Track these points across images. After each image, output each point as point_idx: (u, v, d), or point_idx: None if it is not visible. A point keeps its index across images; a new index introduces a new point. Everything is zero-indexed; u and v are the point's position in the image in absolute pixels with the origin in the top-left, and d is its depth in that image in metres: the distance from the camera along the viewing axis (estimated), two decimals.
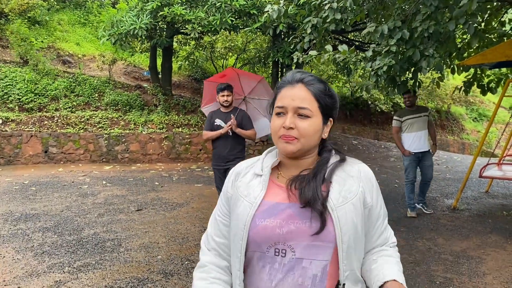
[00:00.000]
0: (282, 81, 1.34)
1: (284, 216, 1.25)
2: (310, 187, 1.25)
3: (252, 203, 1.30)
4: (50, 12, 16.98)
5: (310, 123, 1.27)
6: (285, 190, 1.30)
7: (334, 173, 1.31)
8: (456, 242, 5.28)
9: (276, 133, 1.29)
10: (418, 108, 6.43)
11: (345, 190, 1.27)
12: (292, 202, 1.27)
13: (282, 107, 1.29)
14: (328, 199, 1.23)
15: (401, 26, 5.49)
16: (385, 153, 13.92)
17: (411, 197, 6.47)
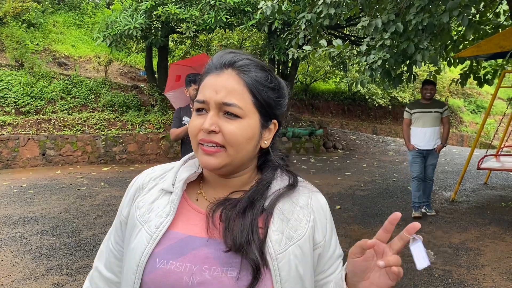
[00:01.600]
0: (208, 66, 0.96)
1: (198, 258, 0.88)
2: (242, 224, 0.88)
3: (151, 234, 0.91)
4: (45, 15, 16.92)
5: (239, 125, 0.90)
6: (203, 217, 0.93)
7: (277, 203, 0.94)
8: (455, 235, 5.29)
9: (194, 137, 0.92)
10: (433, 103, 5.96)
11: (290, 227, 0.92)
12: (212, 237, 0.90)
13: (203, 101, 0.91)
14: (267, 242, 0.88)
15: (395, 20, 5.48)
16: (383, 148, 13.92)
17: (416, 195, 5.99)
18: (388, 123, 20.06)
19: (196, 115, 0.93)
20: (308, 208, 0.97)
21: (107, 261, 1.04)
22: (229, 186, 0.98)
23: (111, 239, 1.05)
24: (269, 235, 0.89)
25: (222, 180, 0.98)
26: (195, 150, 0.94)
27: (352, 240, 5.09)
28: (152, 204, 0.97)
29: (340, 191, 7.67)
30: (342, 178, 8.97)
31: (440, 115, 5.91)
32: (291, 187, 0.97)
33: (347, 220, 5.90)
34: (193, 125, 0.92)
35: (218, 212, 0.93)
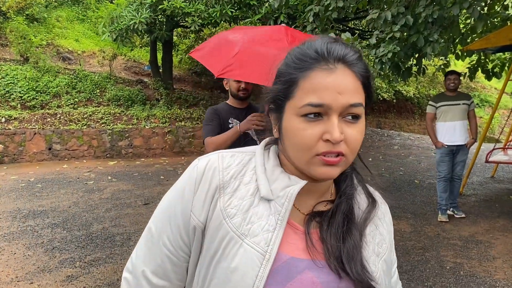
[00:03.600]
0: (304, 55, 0.80)
1: (305, 284, 0.79)
2: (350, 252, 0.81)
3: (263, 253, 0.78)
4: (48, 9, 16.91)
5: (359, 128, 0.81)
6: (302, 234, 0.84)
7: (368, 225, 0.88)
8: (464, 228, 5.29)
9: (309, 149, 0.78)
10: (459, 95, 5.62)
11: (377, 243, 0.88)
12: (314, 259, 0.81)
13: (320, 105, 0.76)
14: (367, 269, 0.82)
15: (405, 12, 5.45)
16: (388, 142, 13.91)
17: (443, 197, 5.62)
18: (392, 117, 20.02)
19: (308, 121, 0.77)
20: (385, 220, 0.94)
21: (159, 267, 0.89)
22: (317, 192, 0.88)
23: (165, 242, 0.88)
24: (366, 257, 0.83)
25: (312, 185, 0.86)
26: (306, 163, 0.79)
27: None
28: (248, 212, 0.82)
29: None
30: None
31: (468, 108, 5.55)
32: (374, 205, 0.92)
33: None
34: (310, 135, 0.77)
35: (312, 227, 0.84)
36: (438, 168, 5.71)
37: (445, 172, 5.61)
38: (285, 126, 0.82)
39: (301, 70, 0.79)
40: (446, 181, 5.63)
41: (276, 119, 0.86)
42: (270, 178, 0.85)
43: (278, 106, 0.84)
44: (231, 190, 0.84)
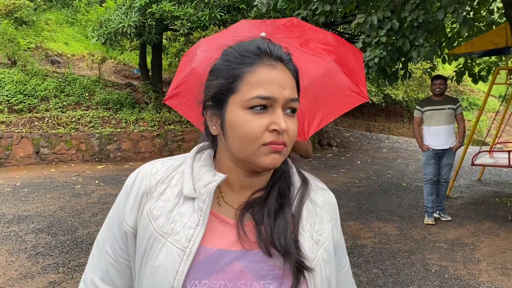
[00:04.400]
0: (247, 51, 0.85)
1: (233, 274, 0.81)
2: (280, 228, 0.83)
3: (183, 248, 0.81)
4: (37, 12, 16.80)
5: (296, 121, 0.87)
6: (231, 228, 0.86)
7: (303, 205, 0.89)
8: (450, 230, 5.32)
9: (256, 140, 0.81)
10: (445, 99, 5.63)
11: (316, 231, 0.89)
12: (245, 249, 0.83)
13: (268, 98, 0.80)
14: (303, 252, 0.83)
15: (391, 17, 5.49)
16: (377, 145, 13.98)
17: (429, 200, 5.63)
18: (382, 120, 20.14)
19: (255, 113, 0.81)
20: (326, 208, 0.94)
21: (105, 274, 0.92)
22: (253, 186, 0.90)
23: (107, 250, 0.92)
24: (301, 242, 0.84)
25: (248, 181, 0.89)
26: (253, 153, 0.82)
27: (348, 237, 5.11)
28: (172, 212, 0.85)
29: (335, 188, 7.69)
30: (337, 175, 9.00)
31: (454, 112, 5.56)
32: (305, 182, 0.94)
33: (343, 217, 5.91)
34: (257, 126, 0.80)
35: (246, 219, 0.86)
36: (424, 171, 5.77)
37: (431, 175, 5.65)
38: (229, 120, 0.83)
39: (246, 65, 0.83)
40: (432, 184, 5.67)
41: (215, 116, 0.87)
42: (195, 178, 0.88)
43: (220, 101, 0.85)
44: (157, 194, 0.87)
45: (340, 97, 2.17)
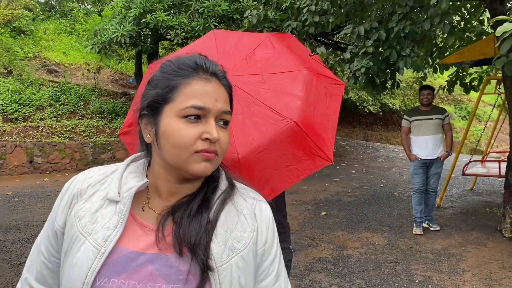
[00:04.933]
0: (185, 65, 0.91)
1: (142, 276, 0.84)
2: (193, 228, 0.87)
3: (99, 247, 0.85)
4: (36, 22, 16.93)
5: (228, 133, 0.94)
6: (151, 231, 0.89)
7: (221, 212, 0.92)
8: (438, 240, 5.30)
9: (188, 147, 0.86)
10: (433, 109, 5.65)
11: (233, 238, 0.90)
12: (161, 252, 0.87)
13: (202, 108, 0.87)
14: (210, 254, 0.86)
15: (378, 27, 5.53)
16: (373, 154, 13.97)
17: (418, 210, 5.61)
18: (379, 129, 20.15)
19: (189, 122, 0.87)
20: (252, 217, 0.96)
21: (38, 274, 0.97)
22: (181, 193, 0.94)
23: (42, 250, 0.97)
24: (212, 247, 0.87)
25: (177, 187, 0.94)
26: (185, 160, 0.87)
27: (335, 247, 5.10)
28: (96, 214, 0.90)
29: (327, 197, 7.68)
30: (330, 184, 8.98)
31: (441, 122, 5.58)
32: (232, 188, 0.97)
33: (331, 226, 5.90)
34: (190, 134, 0.86)
35: (168, 223, 0.90)
36: (413, 181, 5.78)
37: (419, 185, 5.65)
38: (164, 128, 0.88)
39: (182, 77, 0.89)
40: (420, 194, 5.66)
41: (150, 124, 0.92)
42: (122, 183, 0.93)
43: (155, 110, 0.90)
44: (87, 196, 0.93)
45: (297, 163, 1.85)
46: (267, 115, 1.79)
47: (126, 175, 0.95)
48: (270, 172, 1.80)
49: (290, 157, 1.81)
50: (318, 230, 5.73)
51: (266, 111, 1.80)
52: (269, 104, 1.81)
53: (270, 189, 1.81)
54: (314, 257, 4.78)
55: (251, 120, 1.80)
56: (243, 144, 1.76)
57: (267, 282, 0.97)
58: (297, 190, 8.19)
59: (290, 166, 1.82)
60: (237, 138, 1.76)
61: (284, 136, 1.78)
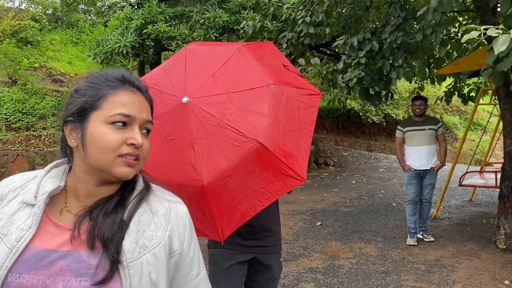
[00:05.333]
0: (112, 77, 1.01)
1: (52, 271, 0.91)
2: (107, 225, 0.94)
3: (11, 247, 0.92)
4: (42, 32, 17.18)
5: (149, 142, 1.05)
6: (65, 231, 0.96)
7: (135, 213, 0.99)
8: (431, 251, 5.28)
9: (113, 151, 0.95)
10: (427, 120, 5.68)
11: (146, 237, 0.97)
12: (73, 249, 0.93)
13: (129, 116, 0.97)
14: (121, 250, 0.93)
15: (371, 38, 5.57)
16: (374, 164, 13.94)
17: (412, 220, 5.59)
18: (383, 139, 20.11)
19: (116, 128, 0.96)
20: (166, 218, 1.03)
21: None
22: (98, 195, 1.01)
23: None
24: (123, 244, 0.94)
25: (95, 190, 1.01)
26: (109, 163, 0.96)
27: (327, 257, 5.10)
28: (13, 216, 0.96)
29: (324, 207, 7.67)
30: (328, 194, 8.97)
31: (435, 133, 5.60)
32: (147, 189, 1.05)
33: (325, 237, 5.90)
34: (117, 139, 0.96)
35: (85, 222, 0.97)
36: (407, 191, 5.79)
37: (413, 195, 5.65)
38: (91, 133, 0.97)
39: (111, 88, 1.00)
40: (414, 204, 5.66)
41: (75, 129, 0.99)
42: (40, 187, 0.99)
43: (82, 116, 0.98)
44: (7, 200, 1.00)
45: (267, 185, 1.78)
46: (232, 138, 1.74)
47: (45, 179, 1.01)
48: (239, 197, 1.76)
49: (259, 180, 1.76)
50: (312, 240, 5.73)
51: (231, 133, 1.75)
52: (234, 125, 1.76)
53: (240, 214, 1.78)
54: (305, 267, 4.78)
55: (217, 144, 1.75)
56: (208, 171, 1.72)
57: (190, 277, 1.07)
58: (294, 200, 8.19)
59: (260, 189, 1.77)
60: (202, 164, 1.73)
61: (250, 159, 1.73)
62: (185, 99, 1.81)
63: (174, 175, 1.74)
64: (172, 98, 1.87)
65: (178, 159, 1.76)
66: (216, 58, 2.07)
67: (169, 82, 1.97)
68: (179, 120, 1.82)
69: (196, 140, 1.76)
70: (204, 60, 2.07)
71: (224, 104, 1.83)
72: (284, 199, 8.28)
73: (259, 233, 2.33)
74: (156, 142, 1.76)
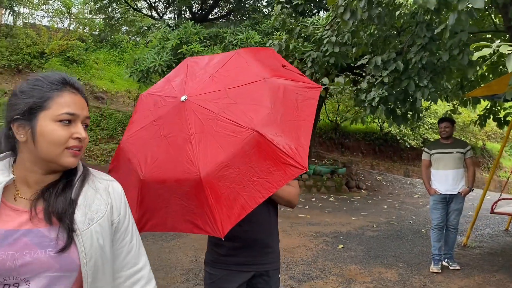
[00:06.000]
0: (56, 80, 1.17)
1: (18, 246, 1.08)
2: (60, 202, 1.13)
3: None
4: (88, 52, 18.02)
5: (87, 134, 1.22)
6: (23, 213, 1.12)
7: (81, 192, 1.18)
8: (455, 280, 5.02)
9: (62, 144, 1.13)
10: (455, 143, 5.46)
11: (92, 211, 1.17)
12: (34, 227, 1.11)
13: (73, 114, 1.15)
14: (74, 221, 1.12)
15: (396, 58, 5.48)
16: (409, 190, 13.53)
17: (436, 247, 5.35)
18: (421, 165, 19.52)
19: (63, 125, 1.14)
20: (107, 194, 1.24)
21: None
22: (46, 182, 1.18)
23: None
24: (75, 218, 1.14)
25: (43, 178, 1.17)
26: (58, 155, 1.13)
27: (344, 280, 4.94)
28: None
29: (349, 230, 7.48)
30: (356, 218, 8.75)
31: (463, 156, 5.36)
32: (87, 172, 1.24)
33: (345, 260, 5.73)
34: (64, 134, 1.13)
35: (40, 203, 1.14)
36: (431, 216, 5.55)
37: (438, 220, 5.42)
38: (40, 130, 1.12)
39: (55, 90, 1.16)
40: (439, 230, 5.42)
41: (23, 127, 1.14)
42: None
43: (31, 115, 1.13)
44: None
45: (266, 175, 1.73)
46: (228, 129, 1.74)
47: None
48: (238, 188, 1.71)
49: (257, 170, 1.72)
50: (331, 262, 5.59)
51: (228, 125, 1.74)
52: (231, 117, 1.76)
53: (240, 207, 1.71)
54: None
55: (214, 136, 1.75)
56: (205, 163, 1.70)
57: (125, 241, 1.27)
58: (319, 222, 8.04)
59: (260, 180, 1.72)
60: (199, 158, 1.71)
61: (247, 148, 1.70)
62: (183, 98, 1.87)
63: (172, 172, 1.76)
64: (172, 100, 1.93)
65: (176, 156, 1.77)
66: (215, 61, 2.13)
67: (171, 88, 2.05)
68: (177, 118, 1.85)
69: (194, 135, 1.77)
70: (204, 65, 2.14)
71: (221, 99, 1.85)
72: (308, 221, 8.15)
73: (259, 250, 2.27)
74: (156, 142, 1.86)
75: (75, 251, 1.11)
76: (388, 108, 5.79)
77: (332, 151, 18.77)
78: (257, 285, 2.32)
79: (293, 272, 5.13)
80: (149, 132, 1.91)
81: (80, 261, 1.12)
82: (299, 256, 5.79)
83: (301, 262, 5.55)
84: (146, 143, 1.89)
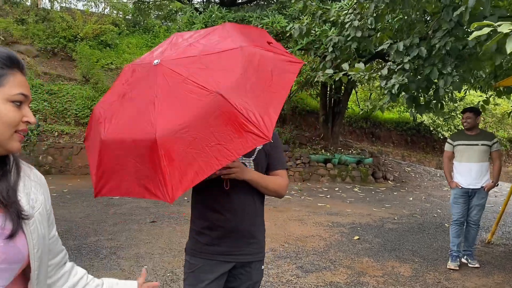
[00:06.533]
0: (9, 59, 1.07)
1: None
2: (3, 187, 1.04)
3: None
4: (121, 36, 18.26)
5: None
6: None
7: (19, 177, 1.11)
8: (473, 278, 4.78)
9: (13, 126, 1.05)
10: (480, 134, 5.17)
11: (32, 199, 1.11)
12: None
13: (26, 95, 1.07)
14: (20, 209, 1.06)
15: (419, 43, 5.20)
16: (439, 182, 13.08)
17: (455, 243, 5.14)
18: None
19: (15, 106, 1.05)
20: (38, 183, 1.18)
21: None
22: None
23: None
24: (21, 205, 1.06)
25: None
26: (7, 138, 1.04)
27: (353, 272, 4.79)
28: None
29: (368, 222, 7.28)
30: (378, 209, 8.52)
31: (489, 149, 5.07)
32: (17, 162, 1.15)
33: (359, 252, 5.56)
34: (17, 116, 1.05)
35: None
36: (452, 211, 5.29)
37: (458, 215, 5.17)
38: None
39: (8, 68, 1.05)
40: (459, 225, 5.18)
41: None
42: None
43: None
44: None
45: (226, 142, 1.67)
46: (193, 92, 1.69)
47: None
48: (194, 152, 1.64)
49: (217, 135, 1.65)
50: (343, 254, 5.44)
51: (194, 88, 1.69)
52: (198, 81, 1.70)
53: (194, 172, 1.64)
54: (325, 280, 4.52)
55: (177, 98, 1.71)
56: (163, 124, 1.64)
57: (54, 230, 1.25)
58: (338, 212, 7.87)
59: (218, 146, 1.66)
60: (158, 119, 1.66)
61: (210, 112, 1.64)
62: (156, 61, 1.83)
63: (131, 132, 1.71)
64: (146, 66, 1.90)
65: (139, 117, 1.73)
66: (199, 34, 2.09)
67: (151, 57, 2.01)
68: (145, 81, 1.83)
69: (158, 97, 1.72)
70: (188, 37, 2.10)
71: (193, 64, 1.80)
72: (327, 210, 7.99)
73: (242, 240, 2.17)
74: (122, 104, 1.83)
75: (21, 240, 1.03)
76: (411, 96, 5.53)
77: (362, 140, 18.39)
78: (239, 276, 2.23)
79: (302, 262, 5.01)
80: (118, 96, 1.90)
81: (29, 251, 1.04)
82: (311, 246, 5.67)
83: (312, 252, 5.43)
84: (113, 105, 1.87)
